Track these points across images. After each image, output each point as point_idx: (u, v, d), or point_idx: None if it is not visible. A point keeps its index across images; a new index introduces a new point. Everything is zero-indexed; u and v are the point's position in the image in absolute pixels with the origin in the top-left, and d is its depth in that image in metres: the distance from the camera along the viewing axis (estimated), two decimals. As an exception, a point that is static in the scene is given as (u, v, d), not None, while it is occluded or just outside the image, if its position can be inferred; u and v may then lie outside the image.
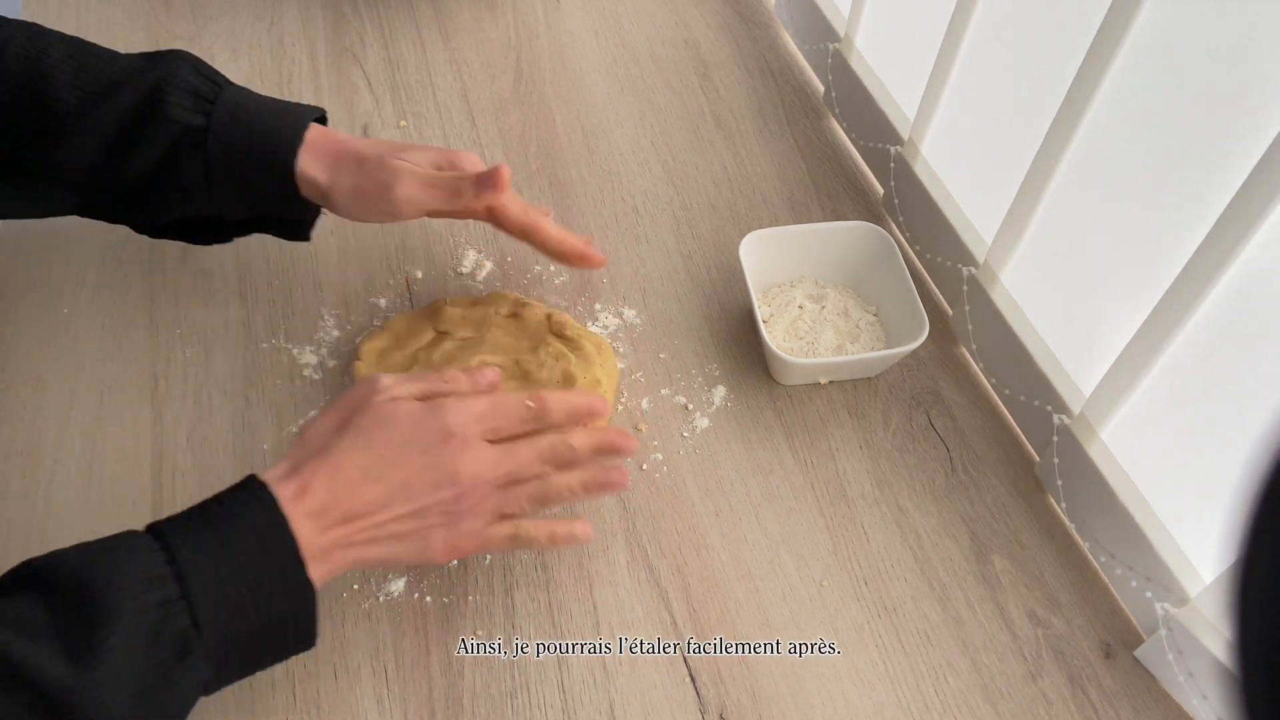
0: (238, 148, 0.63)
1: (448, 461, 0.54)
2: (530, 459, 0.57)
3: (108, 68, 0.62)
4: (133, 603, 0.45)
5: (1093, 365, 0.64)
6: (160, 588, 0.46)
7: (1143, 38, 0.55)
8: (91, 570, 0.46)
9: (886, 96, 0.83)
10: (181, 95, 0.62)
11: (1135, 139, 0.59)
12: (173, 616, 0.46)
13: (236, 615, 0.48)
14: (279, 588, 0.49)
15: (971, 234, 0.75)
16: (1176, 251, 0.54)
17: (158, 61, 0.63)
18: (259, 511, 0.50)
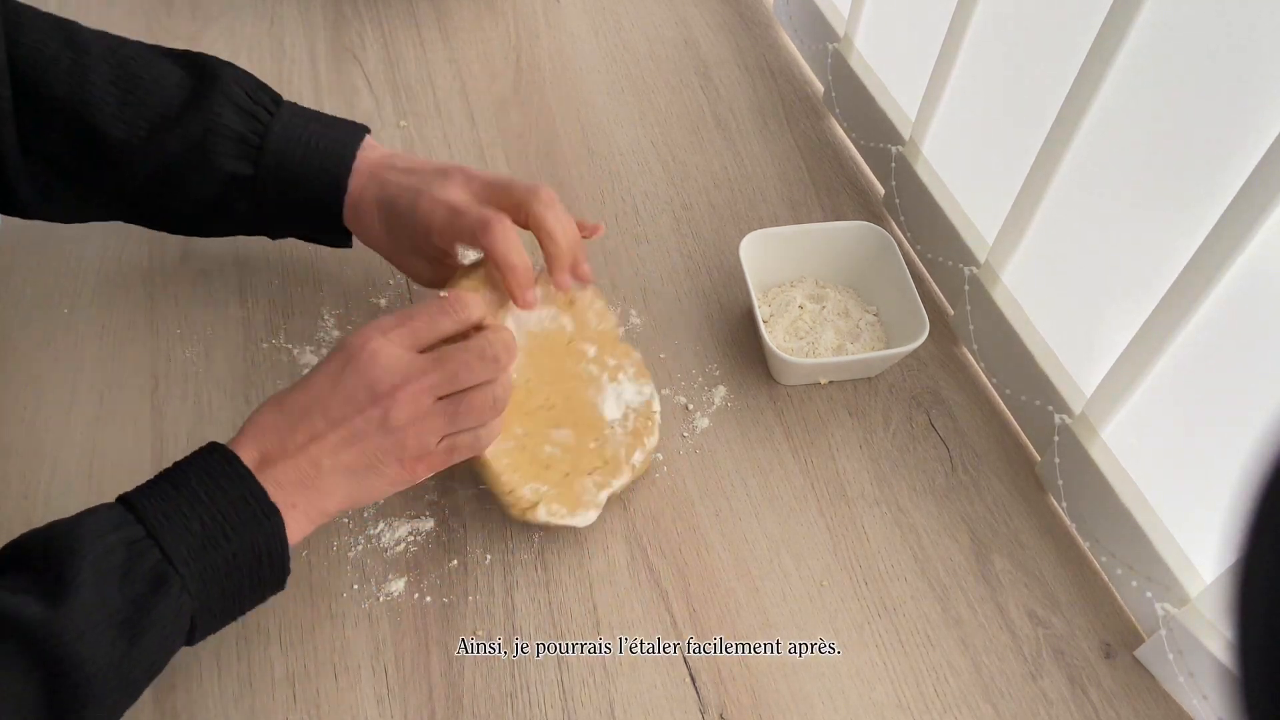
0: (287, 191, 0.65)
1: (359, 375, 0.53)
2: (467, 361, 0.55)
3: (151, 97, 0.63)
4: (97, 543, 0.48)
5: (1094, 365, 0.64)
6: (124, 529, 0.49)
7: (1143, 37, 0.55)
8: (54, 529, 0.49)
9: (887, 96, 0.83)
10: (227, 144, 0.63)
11: (1136, 139, 0.59)
12: (142, 554, 0.48)
13: (208, 547, 0.50)
14: (245, 515, 0.51)
15: (973, 234, 0.75)
16: (1178, 251, 0.54)
17: (202, 98, 0.63)
18: (213, 460, 0.52)
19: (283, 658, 0.60)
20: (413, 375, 0.54)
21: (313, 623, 0.61)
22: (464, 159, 0.85)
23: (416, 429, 0.54)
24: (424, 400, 0.54)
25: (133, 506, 0.50)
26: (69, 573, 0.46)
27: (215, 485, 0.51)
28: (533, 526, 0.65)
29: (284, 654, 0.60)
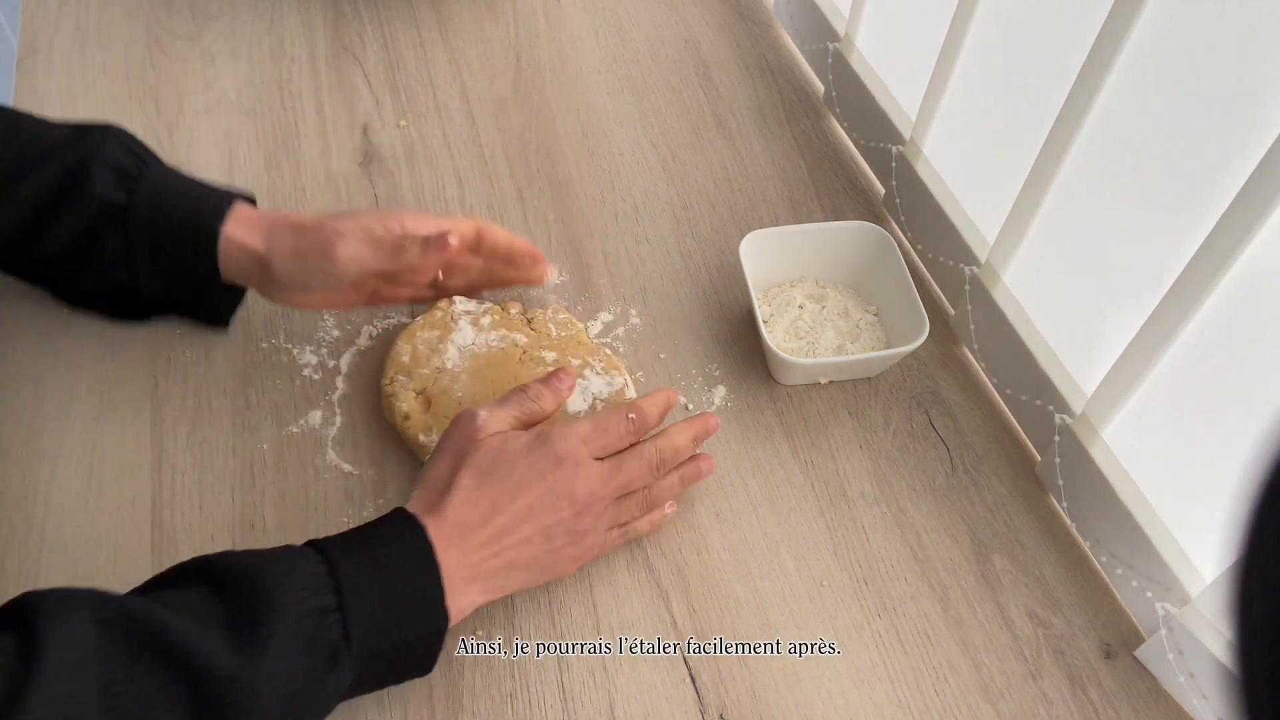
0: (160, 224, 0.63)
1: (564, 484, 0.57)
2: (639, 470, 0.61)
3: (35, 139, 0.62)
4: (296, 605, 0.48)
5: (1095, 365, 0.64)
6: (321, 596, 0.49)
7: (1144, 37, 0.55)
8: (261, 570, 0.49)
9: (887, 96, 0.83)
10: (105, 172, 0.62)
11: (1137, 138, 0.59)
12: (328, 626, 0.49)
13: (379, 633, 0.50)
14: (420, 611, 0.52)
15: (973, 233, 0.74)
16: (1178, 251, 0.54)
17: (86, 136, 0.63)
18: (409, 537, 0.53)
19: (283, 658, 0.60)
20: (603, 487, 0.59)
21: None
22: (464, 159, 0.85)
23: (594, 531, 0.59)
24: (606, 504, 0.60)
25: (332, 568, 0.50)
26: (265, 629, 0.47)
27: (409, 570, 0.52)
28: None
29: (284, 654, 0.60)
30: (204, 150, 0.83)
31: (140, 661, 0.44)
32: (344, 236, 0.63)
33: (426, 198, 0.82)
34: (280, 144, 0.84)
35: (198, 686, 0.45)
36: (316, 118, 0.87)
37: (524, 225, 0.81)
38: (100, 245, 0.63)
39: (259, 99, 0.87)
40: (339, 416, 0.69)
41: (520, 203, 0.82)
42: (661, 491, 0.63)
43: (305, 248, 0.63)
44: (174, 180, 0.64)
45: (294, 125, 0.86)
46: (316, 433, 0.69)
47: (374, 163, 0.84)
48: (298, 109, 0.87)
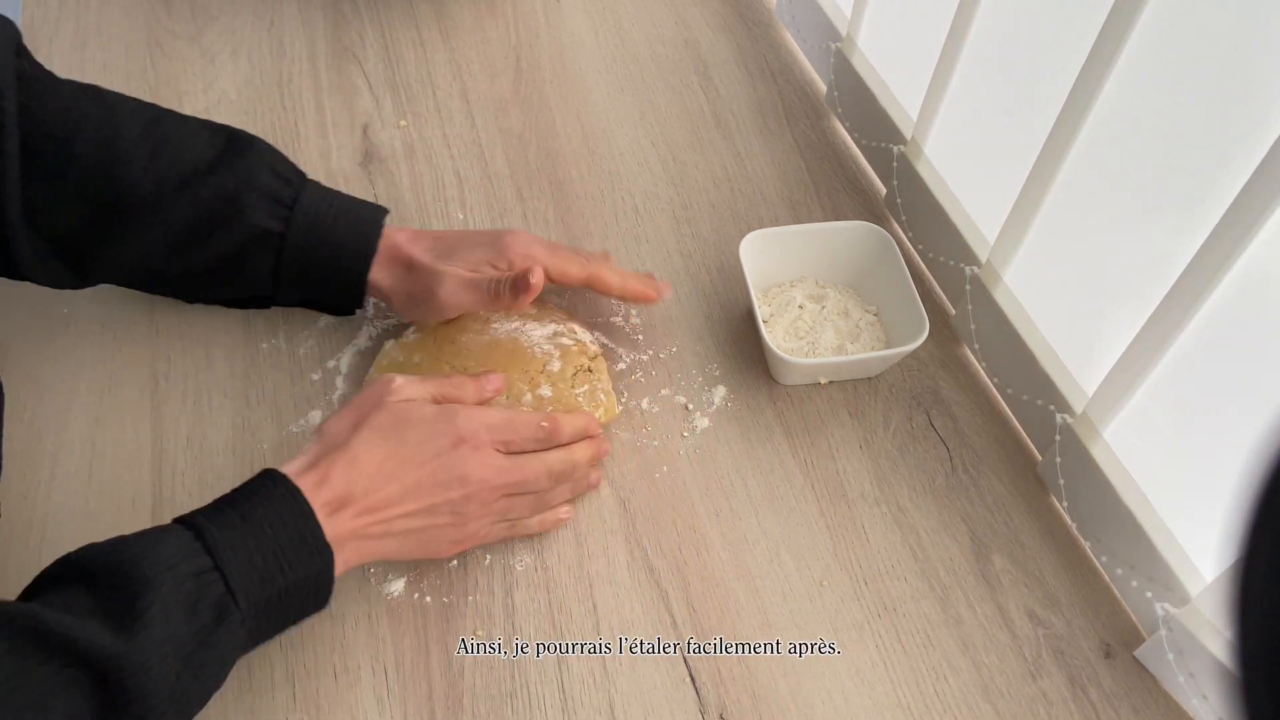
0: (315, 255, 0.66)
1: (458, 464, 0.58)
2: (537, 473, 0.61)
3: (184, 152, 0.63)
4: (168, 574, 0.48)
5: (1095, 364, 0.64)
6: (193, 559, 0.50)
7: (1145, 37, 0.55)
8: (124, 552, 0.49)
9: (889, 96, 0.83)
10: (260, 199, 0.64)
11: (1138, 138, 0.59)
12: (208, 585, 0.49)
13: (266, 581, 0.51)
14: (302, 552, 0.52)
15: (974, 233, 0.74)
16: (1179, 251, 0.54)
17: (236, 157, 0.64)
18: (277, 493, 0.53)
19: (283, 658, 0.60)
20: (496, 478, 0.59)
21: (312, 623, 0.61)
22: (464, 159, 0.85)
23: (479, 518, 0.60)
24: (496, 498, 0.60)
25: (200, 533, 0.51)
26: (141, 604, 0.47)
27: (278, 519, 0.52)
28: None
29: (284, 654, 0.60)
30: (204, 150, 0.83)
31: (25, 656, 0.45)
32: (444, 282, 0.65)
33: (426, 198, 0.82)
34: (280, 144, 0.84)
35: (88, 669, 0.45)
36: (316, 118, 0.87)
37: (524, 225, 0.81)
38: (249, 266, 0.66)
39: (259, 99, 0.87)
40: (339, 416, 0.69)
41: (520, 203, 0.82)
42: (554, 498, 0.64)
43: (414, 291, 0.67)
44: (324, 206, 0.66)
45: (294, 125, 0.86)
46: (316, 433, 0.69)
47: (374, 162, 0.84)
48: (298, 109, 0.87)
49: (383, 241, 0.67)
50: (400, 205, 0.81)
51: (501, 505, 0.60)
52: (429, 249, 0.67)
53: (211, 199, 0.63)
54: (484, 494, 0.59)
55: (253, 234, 0.64)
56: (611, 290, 0.70)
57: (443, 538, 0.59)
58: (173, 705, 0.48)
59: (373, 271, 0.67)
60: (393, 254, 0.67)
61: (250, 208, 0.63)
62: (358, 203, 0.68)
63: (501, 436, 0.60)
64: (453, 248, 0.67)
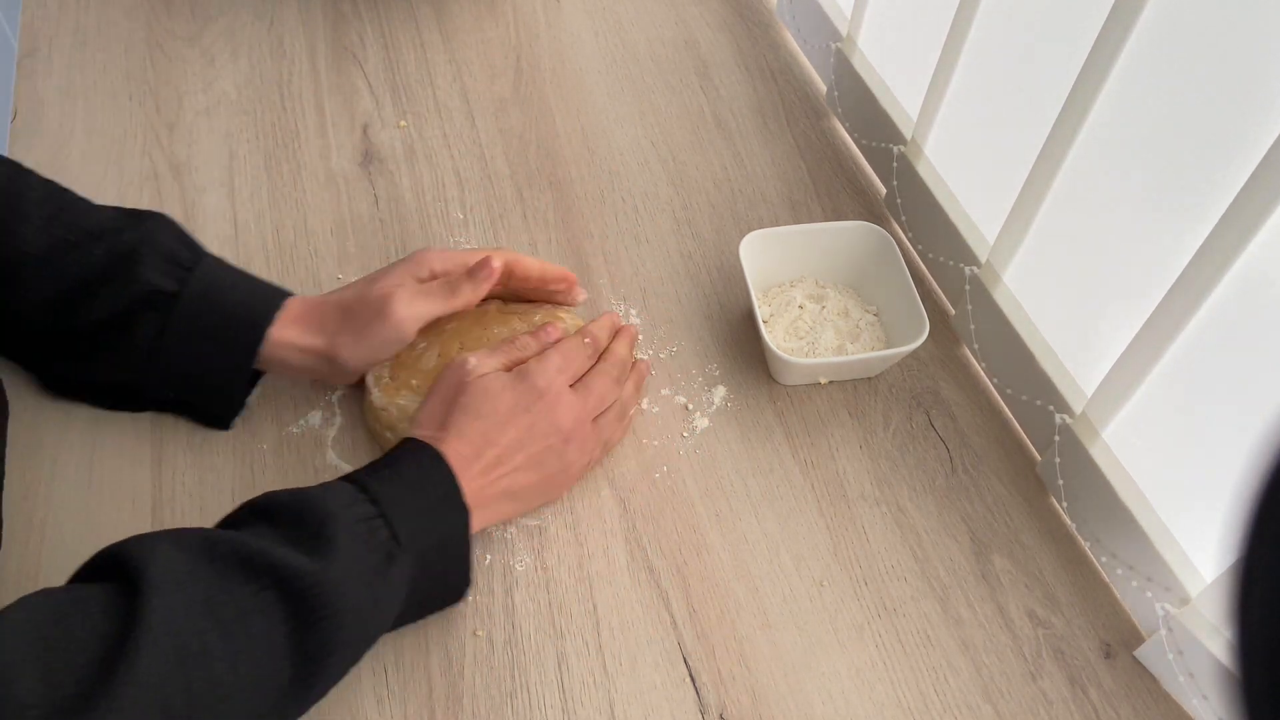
0: (205, 317, 0.62)
1: (548, 415, 0.62)
2: (606, 386, 0.66)
3: (85, 219, 0.63)
4: (345, 513, 0.53)
5: (1095, 365, 0.64)
6: (362, 506, 0.54)
7: (1146, 38, 0.55)
8: (305, 495, 0.54)
9: (889, 96, 0.83)
10: (157, 259, 0.62)
11: (1138, 139, 0.59)
12: (376, 530, 0.54)
13: (421, 530, 0.55)
14: (446, 510, 0.57)
15: (974, 234, 0.74)
16: (1179, 251, 0.54)
17: (140, 221, 0.63)
18: (422, 455, 0.58)
19: (283, 658, 0.60)
20: (584, 414, 0.64)
21: (313, 623, 0.61)
22: (464, 159, 0.85)
23: (581, 451, 0.64)
24: (590, 429, 0.65)
25: (362, 487, 0.55)
26: (328, 531, 0.52)
27: (428, 479, 0.57)
28: (532, 527, 0.65)
29: (284, 654, 0.60)
30: (204, 150, 0.83)
31: (229, 576, 0.49)
32: (394, 299, 0.64)
33: (426, 198, 0.82)
34: (280, 144, 0.84)
35: (286, 590, 0.49)
36: (316, 118, 0.87)
37: (524, 225, 0.81)
38: (132, 328, 0.62)
39: (259, 99, 0.87)
40: (339, 416, 0.69)
41: (520, 203, 0.82)
42: (627, 401, 0.68)
43: (362, 326, 0.64)
44: (225, 275, 0.64)
45: (294, 125, 0.86)
46: (316, 433, 0.69)
47: (374, 163, 0.84)
48: (298, 109, 0.87)
49: (294, 306, 0.64)
50: (400, 205, 0.81)
51: (595, 434, 0.65)
52: (345, 296, 0.65)
53: (105, 256, 0.61)
54: (580, 430, 0.63)
55: (142, 293, 0.61)
56: (531, 271, 0.70)
57: (554, 492, 0.65)
58: (360, 630, 0.53)
59: (291, 334, 0.63)
60: (305, 311, 0.64)
61: (144, 265, 0.61)
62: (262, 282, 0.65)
63: (569, 372, 0.65)
64: (370, 279, 0.66)
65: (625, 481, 0.68)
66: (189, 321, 0.62)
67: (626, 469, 0.68)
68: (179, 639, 0.46)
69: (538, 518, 0.66)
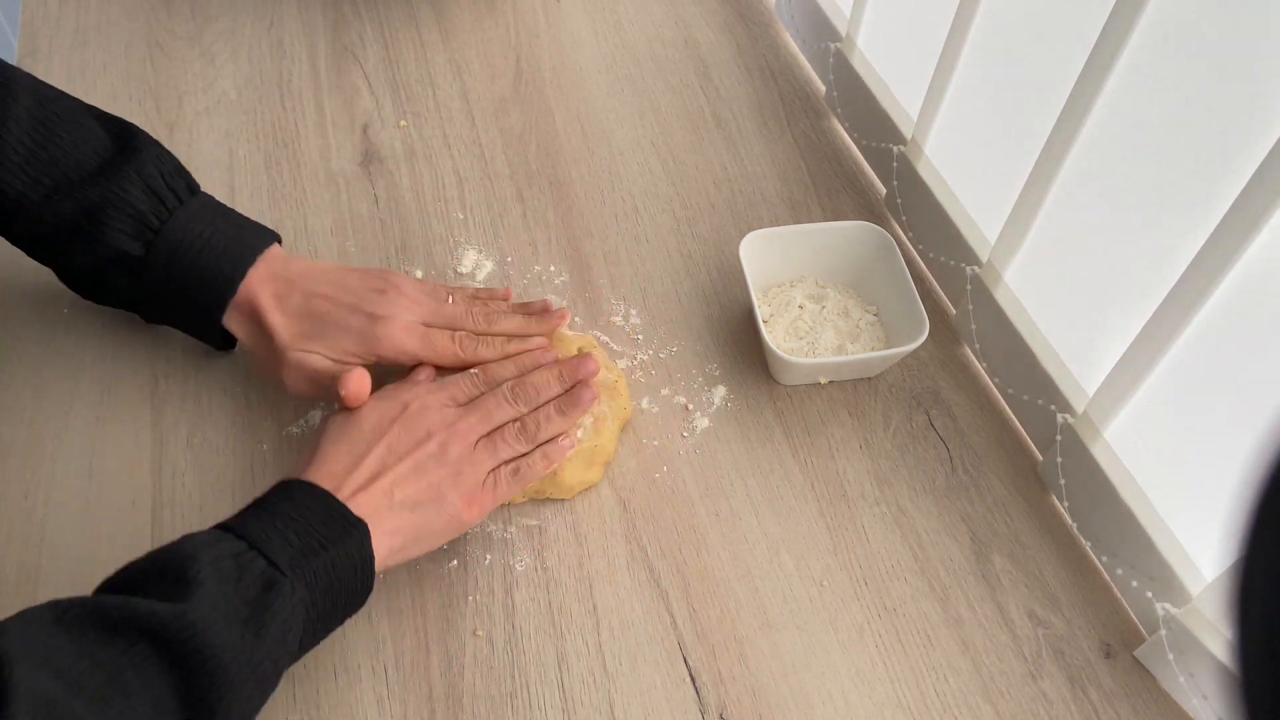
0: (171, 289, 0.63)
1: (415, 419, 0.60)
2: (495, 402, 0.63)
3: (63, 158, 0.61)
4: (208, 553, 0.50)
5: (1096, 364, 0.64)
6: (227, 543, 0.51)
7: (1147, 38, 0.55)
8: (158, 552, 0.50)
9: (889, 96, 0.83)
10: (123, 220, 0.62)
11: (1139, 139, 0.59)
12: (248, 563, 0.51)
13: (307, 554, 0.52)
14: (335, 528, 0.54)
15: (975, 233, 0.74)
16: (1180, 251, 0.54)
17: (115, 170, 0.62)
18: (291, 486, 0.55)
19: (283, 658, 0.60)
20: (458, 420, 0.61)
21: (313, 623, 0.61)
22: (464, 159, 0.85)
23: (470, 461, 0.60)
24: (471, 438, 0.61)
25: (228, 528, 0.52)
26: (189, 574, 0.48)
27: (302, 505, 0.54)
28: (532, 527, 0.65)
29: (284, 654, 0.60)
30: (204, 150, 0.83)
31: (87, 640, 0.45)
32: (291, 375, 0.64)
33: (426, 197, 0.82)
34: (280, 144, 0.84)
35: (153, 637, 0.46)
36: (316, 118, 0.87)
37: (524, 225, 0.81)
38: (106, 283, 0.64)
39: (259, 99, 0.87)
40: (339, 416, 0.69)
41: (520, 203, 0.82)
42: (540, 424, 0.63)
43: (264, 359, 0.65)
44: (194, 235, 0.63)
45: (294, 125, 0.86)
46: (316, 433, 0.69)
47: (374, 163, 0.84)
48: (298, 109, 0.87)
49: (247, 289, 0.64)
50: (400, 205, 0.81)
51: (485, 450, 0.61)
52: (293, 320, 0.64)
53: (73, 212, 0.61)
54: (457, 434, 0.60)
55: (110, 255, 0.62)
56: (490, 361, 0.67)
57: (448, 496, 0.59)
58: (247, 665, 0.48)
59: (227, 319, 0.64)
60: (252, 308, 0.64)
61: (109, 227, 0.61)
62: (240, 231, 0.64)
63: (446, 392, 0.62)
64: (323, 325, 0.63)
65: (625, 481, 0.68)
66: (158, 285, 0.63)
67: (626, 469, 0.68)
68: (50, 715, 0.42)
69: (537, 517, 0.66)
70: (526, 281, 0.77)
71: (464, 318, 0.67)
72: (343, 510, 0.55)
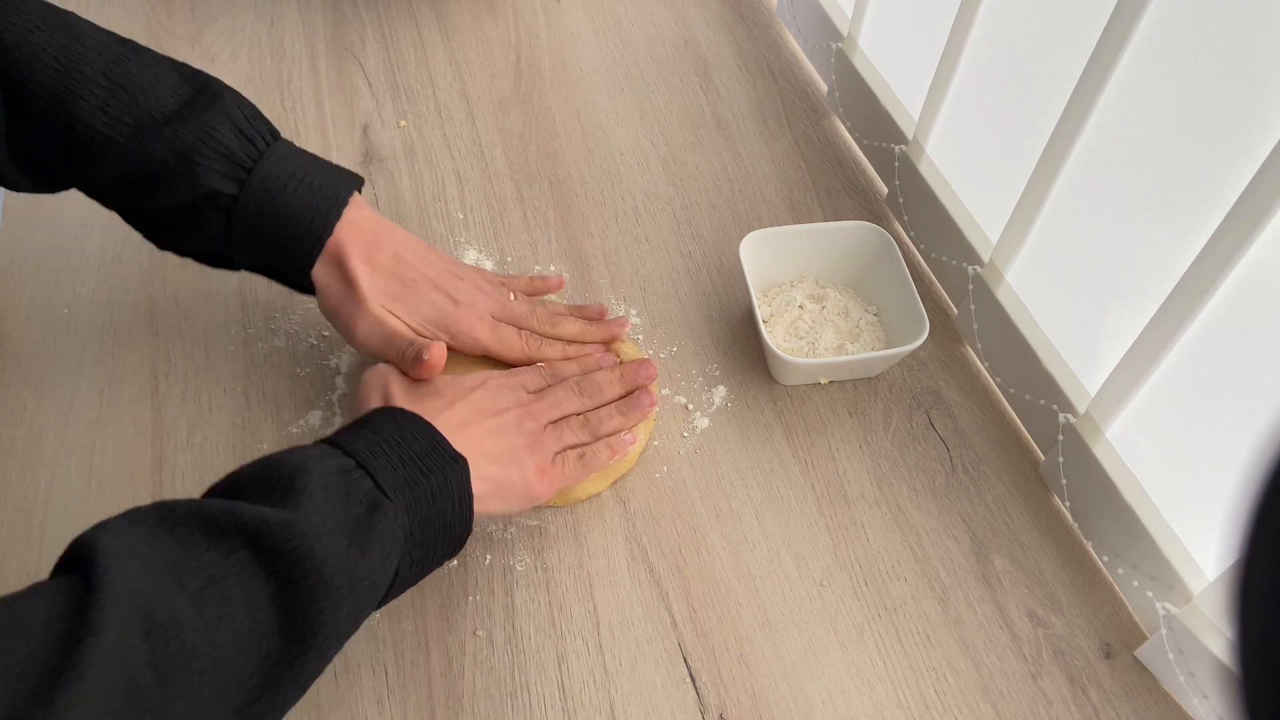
0: (265, 228, 0.62)
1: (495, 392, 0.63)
2: (563, 394, 0.65)
3: (144, 97, 0.60)
4: (317, 466, 0.50)
5: (1098, 364, 0.64)
6: (336, 459, 0.52)
7: (1149, 37, 0.55)
8: (267, 459, 0.51)
9: (890, 95, 0.83)
10: (216, 159, 0.60)
11: (1141, 138, 0.59)
12: (355, 481, 0.51)
13: (409, 483, 0.53)
14: (437, 459, 0.55)
15: (976, 233, 0.74)
16: (1182, 250, 0.54)
17: (199, 110, 0.60)
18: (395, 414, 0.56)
19: (282, 658, 0.60)
20: (531, 400, 0.64)
21: (312, 623, 0.60)
22: (464, 159, 0.85)
23: (541, 439, 0.62)
24: (542, 420, 0.63)
25: (338, 445, 0.53)
26: (299, 484, 0.49)
27: (406, 431, 0.55)
28: (532, 527, 0.65)
29: (284, 654, 0.60)
30: (204, 150, 0.83)
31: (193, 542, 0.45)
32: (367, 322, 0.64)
33: (426, 198, 0.82)
34: (280, 144, 0.84)
35: (259, 546, 0.46)
36: (316, 118, 0.87)
37: (524, 225, 0.81)
38: (200, 223, 0.62)
39: (259, 99, 0.87)
40: (339, 417, 0.69)
41: (520, 203, 0.82)
42: (602, 420, 0.66)
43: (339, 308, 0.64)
44: (286, 175, 0.62)
45: (294, 125, 0.86)
46: (316, 433, 0.69)
47: (374, 163, 0.84)
48: (298, 109, 0.87)
49: (340, 235, 0.63)
50: (400, 205, 0.81)
51: (553, 431, 0.63)
52: (380, 276, 0.64)
53: (163, 152, 0.60)
54: (532, 413, 0.62)
55: (203, 193, 0.60)
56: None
57: (528, 464, 0.60)
58: (349, 582, 0.48)
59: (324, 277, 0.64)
60: (340, 253, 0.63)
61: (202, 166, 0.60)
62: (329, 174, 0.64)
63: (518, 379, 0.65)
64: (406, 290, 0.65)
65: (625, 481, 0.68)
66: (251, 224, 0.62)
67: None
68: (144, 610, 0.42)
69: (538, 517, 0.66)
70: (526, 281, 0.77)
71: (529, 317, 0.69)
72: (445, 443, 0.56)
